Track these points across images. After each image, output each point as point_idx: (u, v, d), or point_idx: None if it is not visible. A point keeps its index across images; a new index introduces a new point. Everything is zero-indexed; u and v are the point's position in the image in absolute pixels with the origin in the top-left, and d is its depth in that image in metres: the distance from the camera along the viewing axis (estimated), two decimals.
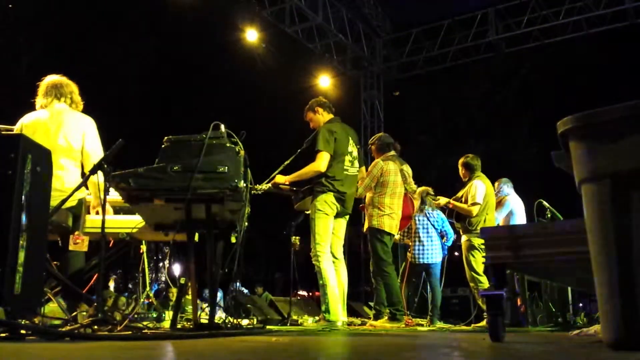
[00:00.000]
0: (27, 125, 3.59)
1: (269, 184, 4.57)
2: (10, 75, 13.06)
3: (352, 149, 4.79)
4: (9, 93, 12.72)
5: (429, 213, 6.42)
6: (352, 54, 11.74)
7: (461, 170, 6.09)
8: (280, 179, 4.62)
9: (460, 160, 6.11)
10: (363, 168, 5.10)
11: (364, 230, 5.53)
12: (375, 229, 5.20)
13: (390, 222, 5.22)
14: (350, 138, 4.80)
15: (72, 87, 3.79)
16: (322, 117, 4.83)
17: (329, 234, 4.56)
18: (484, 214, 5.73)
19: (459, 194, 5.93)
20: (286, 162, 4.72)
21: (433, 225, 6.40)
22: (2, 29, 12.93)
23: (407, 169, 5.76)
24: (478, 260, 5.60)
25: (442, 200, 6.05)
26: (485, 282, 5.46)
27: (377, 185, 5.25)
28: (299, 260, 6.39)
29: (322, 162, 4.52)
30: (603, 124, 1.70)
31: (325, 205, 4.52)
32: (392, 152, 5.49)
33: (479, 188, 5.72)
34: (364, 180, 5.18)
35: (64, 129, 3.56)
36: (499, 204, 6.41)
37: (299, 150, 4.80)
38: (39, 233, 2.57)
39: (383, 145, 5.52)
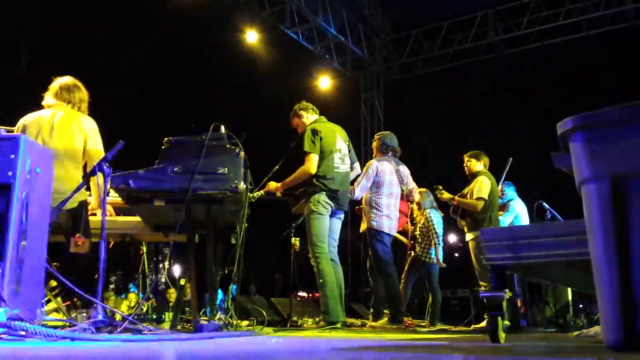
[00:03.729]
0: (30, 123, 3.58)
1: (261, 192, 4.55)
2: (10, 75, 13.06)
3: (342, 145, 4.72)
4: (8, 93, 12.73)
5: (435, 212, 6.43)
6: (352, 55, 11.74)
7: (467, 162, 6.00)
8: (272, 186, 4.61)
9: (468, 154, 6.06)
10: (357, 164, 5.07)
11: (361, 231, 5.53)
12: (374, 230, 5.21)
13: (389, 222, 5.23)
14: (337, 135, 4.72)
15: (84, 94, 3.80)
16: (307, 119, 4.80)
17: (326, 234, 4.53)
18: (490, 211, 5.68)
19: (465, 191, 5.88)
20: (275, 169, 4.71)
21: (442, 224, 6.45)
22: (1, 28, 12.92)
23: (404, 169, 5.77)
24: None
25: (447, 195, 5.97)
26: None
27: (373, 186, 5.25)
28: (298, 262, 6.38)
29: (311, 163, 4.48)
30: (603, 125, 1.70)
31: (319, 206, 4.49)
32: (389, 154, 5.50)
33: (485, 184, 5.68)
34: (359, 181, 5.17)
35: (66, 130, 3.55)
36: (503, 208, 6.39)
37: (285, 156, 4.80)
38: (39, 234, 2.57)
39: (383, 146, 5.50)
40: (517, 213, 6.40)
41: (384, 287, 5.25)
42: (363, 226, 5.43)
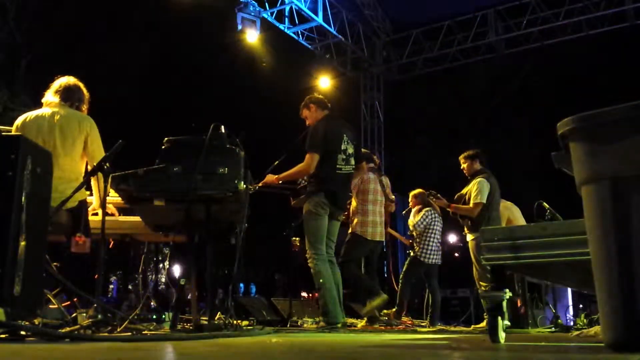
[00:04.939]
0: (30, 122, 3.58)
1: (259, 184, 4.55)
2: (10, 75, 13.06)
3: (347, 146, 4.64)
4: (7, 93, 12.72)
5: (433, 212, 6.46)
6: (352, 55, 11.74)
7: (463, 164, 5.97)
8: (270, 178, 4.60)
9: (462, 155, 6.04)
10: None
11: (349, 233, 5.60)
12: (357, 235, 5.41)
13: (372, 229, 5.43)
14: (344, 135, 4.64)
15: (84, 94, 3.79)
16: (317, 114, 4.71)
17: (323, 236, 4.51)
18: (489, 211, 5.65)
19: (463, 191, 5.87)
20: (276, 163, 4.69)
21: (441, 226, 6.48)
22: (1, 28, 12.92)
23: (386, 180, 5.97)
24: None
25: (442, 202, 6.04)
26: None
27: (359, 193, 5.44)
28: (299, 261, 6.39)
29: (310, 163, 4.42)
30: (603, 125, 1.70)
31: (317, 207, 4.46)
32: (371, 164, 5.68)
33: (483, 188, 5.66)
34: None
35: (67, 129, 3.55)
36: None
37: (289, 149, 4.80)
38: (39, 234, 2.57)
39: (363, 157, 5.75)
40: (509, 217, 6.35)
41: (354, 284, 5.36)
42: (351, 230, 5.57)
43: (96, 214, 3.68)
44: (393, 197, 6.06)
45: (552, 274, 3.45)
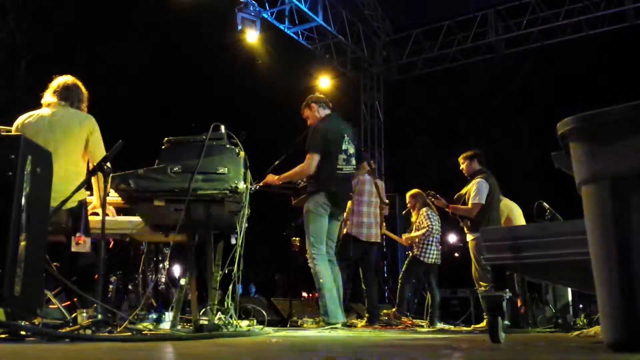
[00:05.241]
0: (29, 122, 3.58)
1: (260, 184, 4.56)
2: (10, 75, 13.06)
3: (348, 146, 4.63)
4: (7, 93, 12.72)
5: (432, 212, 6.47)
6: (352, 55, 11.73)
7: (462, 165, 5.97)
8: (271, 178, 4.60)
9: (462, 156, 6.05)
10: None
11: (342, 233, 5.62)
12: (351, 236, 5.47)
13: (367, 230, 5.50)
14: (345, 135, 4.63)
15: (83, 93, 3.79)
16: (318, 113, 4.71)
17: (323, 236, 4.51)
18: (488, 212, 5.65)
19: (463, 191, 5.88)
20: (276, 163, 4.71)
21: (439, 226, 6.50)
22: (1, 28, 12.92)
23: (381, 183, 6.03)
24: None
25: (440, 203, 6.06)
26: None
27: (354, 195, 5.45)
28: (299, 261, 6.39)
29: (310, 163, 4.42)
30: (603, 125, 1.70)
31: (318, 206, 4.47)
32: (367, 168, 5.69)
33: (482, 188, 5.66)
34: None
35: (67, 129, 3.55)
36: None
37: (289, 149, 4.82)
38: (39, 234, 2.57)
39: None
40: (508, 215, 6.34)
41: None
42: (345, 230, 5.62)
43: (96, 214, 3.68)
44: (387, 200, 6.11)
45: (552, 274, 3.45)
